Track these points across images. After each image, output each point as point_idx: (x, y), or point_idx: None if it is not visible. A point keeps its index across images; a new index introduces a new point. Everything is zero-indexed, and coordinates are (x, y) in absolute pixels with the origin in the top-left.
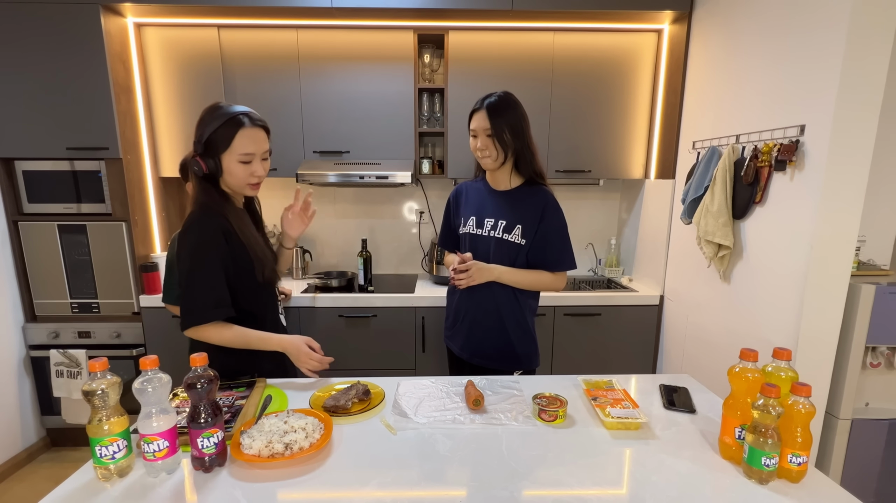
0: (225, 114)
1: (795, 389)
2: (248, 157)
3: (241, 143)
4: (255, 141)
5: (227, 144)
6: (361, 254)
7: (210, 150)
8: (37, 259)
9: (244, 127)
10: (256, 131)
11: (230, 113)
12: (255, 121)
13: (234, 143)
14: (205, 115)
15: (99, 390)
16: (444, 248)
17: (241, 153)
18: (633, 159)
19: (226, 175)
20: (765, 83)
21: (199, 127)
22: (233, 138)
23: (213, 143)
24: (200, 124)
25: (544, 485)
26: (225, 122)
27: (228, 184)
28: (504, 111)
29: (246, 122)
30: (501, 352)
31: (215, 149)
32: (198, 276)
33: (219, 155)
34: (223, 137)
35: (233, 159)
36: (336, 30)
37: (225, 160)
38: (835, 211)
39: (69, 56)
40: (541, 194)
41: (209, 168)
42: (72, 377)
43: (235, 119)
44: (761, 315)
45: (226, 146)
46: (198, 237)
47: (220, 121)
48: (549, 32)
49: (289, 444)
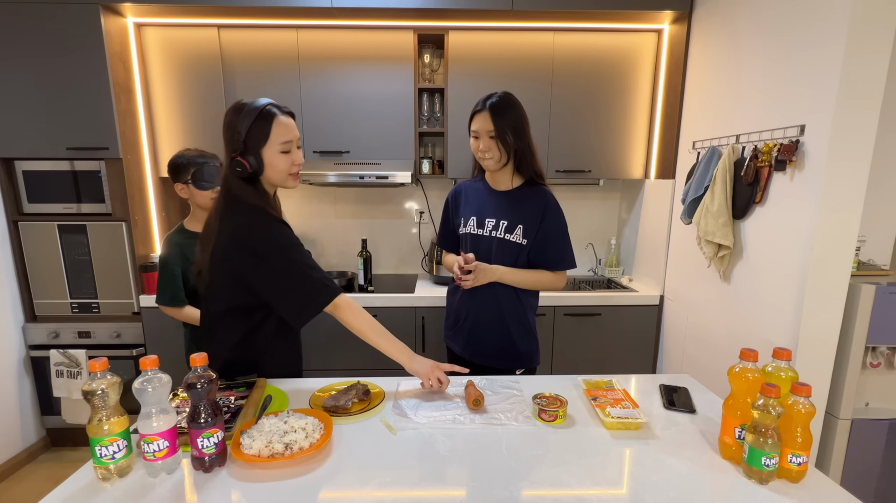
0: (254, 108)
1: (795, 389)
2: (287, 146)
3: (278, 132)
4: (289, 129)
5: (266, 137)
6: (361, 254)
7: (249, 147)
8: (37, 259)
9: (277, 117)
10: (288, 119)
11: (259, 106)
12: (284, 109)
13: (271, 134)
14: (232, 116)
15: (99, 390)
16: (443, 249)
17: (280, 142)
18: (633, 159)
19: (268, 169)
20: (765, 83)
21: (229, 129)
22: (269, 130)
23: (251, 140)
24: (230, 126)
25: (544, 485)
26: (258, 117)
27: (270, 178)
28: (506, 112)
29: (277, 111)
30: (504, 351)
31: (255, 144)
32: (299, 264)
33: (259, 150)
34: (260, 131)
35: (274, 151)
36: (336, 30)
37: (266, 154)
38: (835, 211)
39: (69, 56)
40: (541, 194)
41: (252, 166)
42: (72, 377)
43: (266, 111)
44: (761, 315)
45: (265, 139)
46: (270, 230)
47: (251, 116)
48: (549, 32)
49: (289, 444)
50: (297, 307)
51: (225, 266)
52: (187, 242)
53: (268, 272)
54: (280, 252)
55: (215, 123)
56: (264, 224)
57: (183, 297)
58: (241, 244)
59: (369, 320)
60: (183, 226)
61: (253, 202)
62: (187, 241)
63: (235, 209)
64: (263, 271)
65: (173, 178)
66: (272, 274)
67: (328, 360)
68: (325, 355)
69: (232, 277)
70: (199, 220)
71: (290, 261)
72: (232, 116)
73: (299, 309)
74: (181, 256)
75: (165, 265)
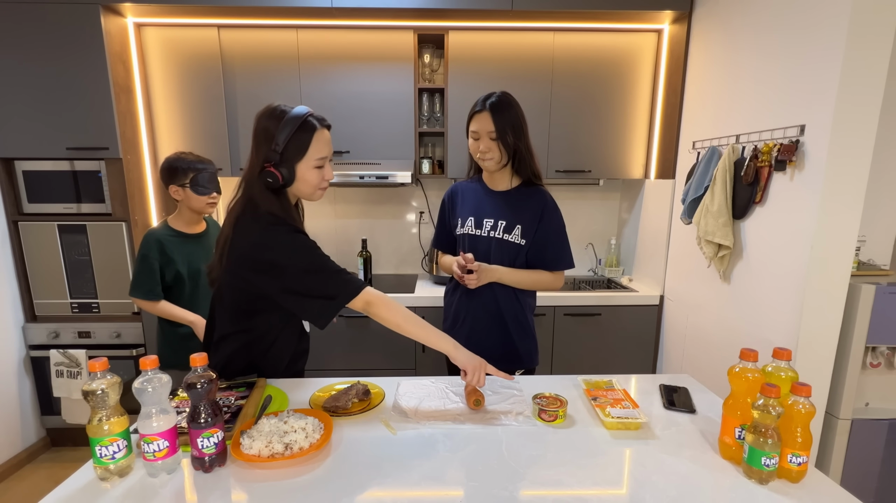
0: (295, 118)
1: (795, 389)
2: (322, 162)
3: (317, 148)
4: (328, 143)
5: (304, 151)
6: (361, 254)
7: (285, 160)
8: (37, 259)
9: (318, 130)
10: (326, 133)
11: (300, 115)
12: (324, 122)
13: (310, 149)
14: (268, 121)
15: (99, 390)
16: (439, 250)
17: (317, 158)
18: (633, 159)
19: (299, 183)
20: (765, 83)
21: (265, 135)
22: (309, 144)
23: (288, 152)
24: (266, 132)
25: (544, 485)
26: (299, 128)
27: (299, 191)
28: (506, 111)
29: (317, 124)
30: (503, 351)
31: (292, 157)
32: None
33: (294, 163)
34: (299, 144)
35: (309, 166)
36: (336, 30)
37: (300, 168)
38: (835, 211)
39: (69, 56)
40: (539, 194)
41: (284, 178)
42: (72, 377)
43: (308, 122)
44: (761, 315)
45: (302, 153)
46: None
47: (292, 126)
48: (549, 32)
49: (289, 444)
50: (318, 305)
51: (234, 271)
52: (170, 239)
53: (288, 278)
54: (298, 255)
55: (215, 123)
56: (281, 234)
57: (159, 292)
58: (258, 256)
59: (404, 312)
60: (167, 222)
61: (273, 211)
62: (170, 238)
63: (253, 217)
64: (283, 280)
65: (169, 180)
66: (292, 278)
67: (328, 360)
68: (326, 355)
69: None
70: (186, 220)
71: (309, 261)
72: (269, 122)
73: (321, 307)
74: (161, 252)
75: (145, 259)
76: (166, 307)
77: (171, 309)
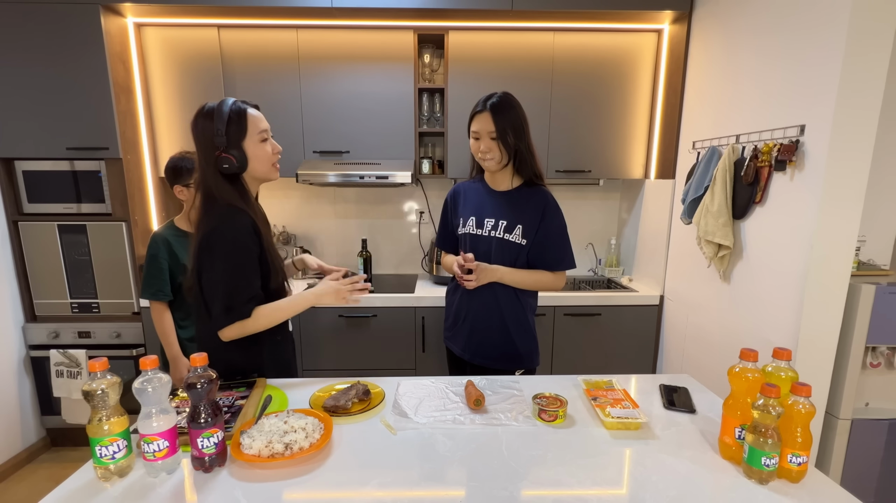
0: (223, 105)
1: (795, 389)
2: (265, 135)
3: (254, 122)
4: (261, 119)
5: (245, 130)
6: (361, 254)
7: (231, 143)
8: (37, 259)
9: (247, 110)
10: (255, 110)
11: (227, 103)
12: (250, 103)
13: (248, 126)
14: (203, 121)
15: (99, 390)
16: (442, 249)
17: (259, 131)
18: (633, 159)
19: (252, 161)
20: (765, 83)
21: (204, 132)
22: (246, 123)
23: (231, 136)
24: (205, 129)
25: (544, 486)
26: (230, 112)
27: (255, 171)
28: (507, 112)
29: (245, 106)
30: (503, 351)
31: (236, 139)
32: (237, 274)
33: (240, 143)
34: (238, 124)
35: (254, 141)
36: (336, 30)
37: (248, 145)
38: (835, 211)
39: (69, 56)
40: (540, 194)
41: (238, 159)
42: (72, 377)
43: (238, 107)
44: (761, 315)
45: (244, 132)
46: (234, 235)
47: (224, 113)
48: (549, 32)
49: (289, 444)
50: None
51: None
52: (176, 239)
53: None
54: (226, 255)
55: None
56: (228, 222)
57: (168, 292)
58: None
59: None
60: (173, 222)
61: (232, 202)
62: (176, 239)
63: (210, 210)
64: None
65: (174, 179)
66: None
67: (328, 360)
68: (325, 355)
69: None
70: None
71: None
72: (204, 121)
73: (219, 314)
74: (170, 252)
75: (154, 259)
76: (166, 326)
77: (167, 333)
